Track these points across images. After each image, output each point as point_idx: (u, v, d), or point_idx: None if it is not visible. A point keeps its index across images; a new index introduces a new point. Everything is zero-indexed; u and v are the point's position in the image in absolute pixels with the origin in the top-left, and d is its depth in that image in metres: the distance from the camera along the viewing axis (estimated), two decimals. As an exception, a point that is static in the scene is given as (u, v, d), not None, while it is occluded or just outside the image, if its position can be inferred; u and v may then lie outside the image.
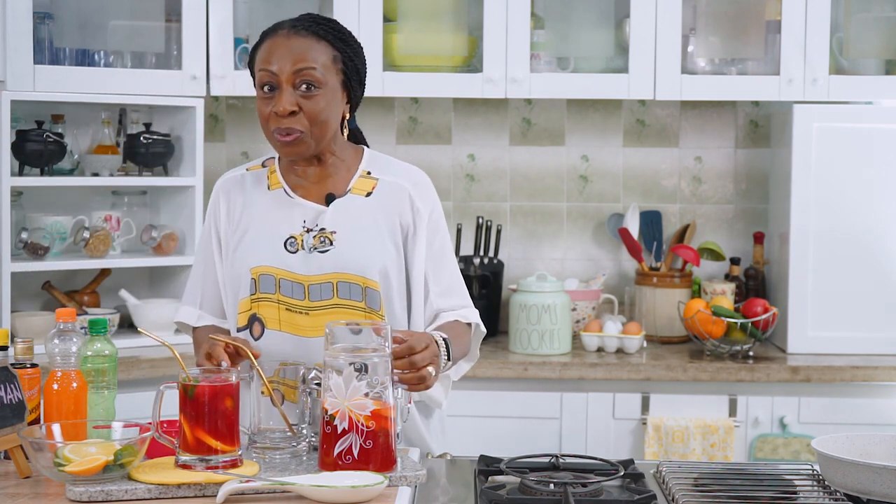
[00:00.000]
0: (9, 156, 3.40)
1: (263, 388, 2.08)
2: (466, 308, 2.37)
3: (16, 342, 2.19)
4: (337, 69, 2.25)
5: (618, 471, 2.07)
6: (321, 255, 2.26)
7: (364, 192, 2.32)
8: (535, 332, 3.61)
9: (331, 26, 2.28)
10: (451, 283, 2.37)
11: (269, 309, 2.27)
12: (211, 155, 3.99)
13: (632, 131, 4.05)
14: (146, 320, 3.59)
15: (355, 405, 1.96)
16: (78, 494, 1.87)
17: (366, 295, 2.26)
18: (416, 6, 3.75)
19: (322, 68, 2.22)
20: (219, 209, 2.37)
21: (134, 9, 3.70)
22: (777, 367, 3.47)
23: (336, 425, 1.97)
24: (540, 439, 3.45)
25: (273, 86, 2.22)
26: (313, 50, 2.23)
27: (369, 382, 1.97)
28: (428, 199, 2.35)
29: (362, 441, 1.96)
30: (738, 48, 3.78)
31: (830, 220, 3.62)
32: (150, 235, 3.67)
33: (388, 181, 2.34)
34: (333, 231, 2.28)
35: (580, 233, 4.07)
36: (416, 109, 4.05)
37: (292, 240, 2.29)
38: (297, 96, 2.21)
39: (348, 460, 1.96)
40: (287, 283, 2.26)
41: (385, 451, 1.98)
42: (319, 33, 2.25)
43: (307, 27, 2.25)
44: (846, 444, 2.02)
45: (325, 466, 1.98)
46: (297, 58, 2.21)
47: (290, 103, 2.20)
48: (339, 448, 1.97)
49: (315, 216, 2.29)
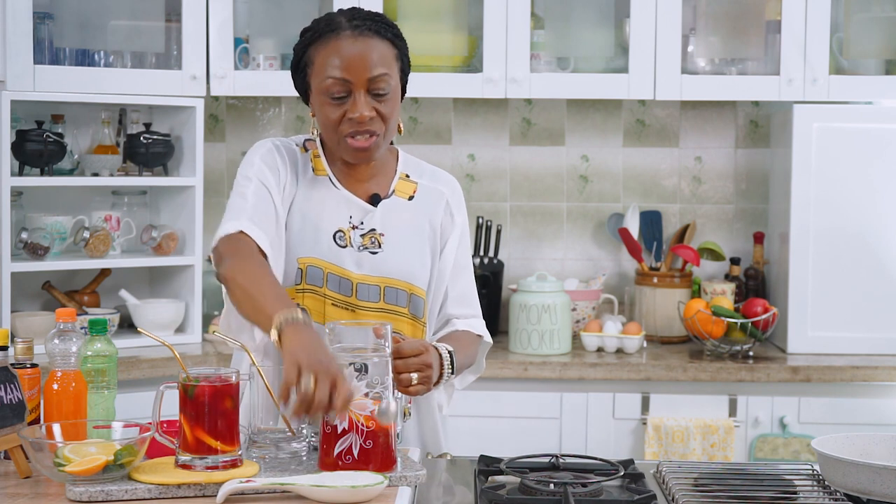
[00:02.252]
0: (9, 156, 3.40)
1: None
2: (476, 318, 2.38)
3: (16, 342, 2.19)
4: (398, 68, 2.22)
5: (618, 471, 2.07)
6: (371, 256, 2.25)
7: (407, 195, 2.32)
8: (535, 332, 3.61)
9: (385, 22, 2.21)
10: (465, 291, 2.37)
11: (315, 301, 2.22)
12: (211, 155, 4.00)
13: (632, 131, 4.05)
14: (146, 320, 3.60)
15: (355, 405, 1.95)
16: (78, 494, 1.87)
17: (410, 301, 2.26)
18: (416, 6, 3.75)
19: (391, 70, 2.18)
20: (277, 160, 2.23)
21: (134, 9, 3.70)
22: (777, 367, 3.47)
23: (336, 425, 1.96)
24: (540, 439, 3.45)
25: (344, 93, 2.17)
26: (382, 53, 2.17)
27: (369, 382, 1.97)
28: (461, 209, 2.37)
29: (362, 441, 1.96)
30: (738, 48, 3.78)
31: (830, 219, 3.62)
32: (150, 235, 3.67)
33: (428, 186, 2.34)
34: (382, 234, 2.27)
35: (580, 233, 4.07)
36: (416, 109, 4.05)
37: (341, 234, 2.25)
38: (372, 101, 2.17)
39: (348, 460, 1.96)
40: (335, 277, 2.22)
41: (385, 450, 1.98)
42: (381, 32, 2.18)
43: (369, 27, 2.18)
44: (846, 444, 2.02)
45: (326, 466, 1.98)
46: (372, 64, 2.15)
47: (368, 109, 2.16)
48: (339, 448, 1.96)
49: (362, 214, 2.27)
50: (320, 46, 2.18)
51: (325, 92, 2.17)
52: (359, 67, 2.15)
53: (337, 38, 2.17)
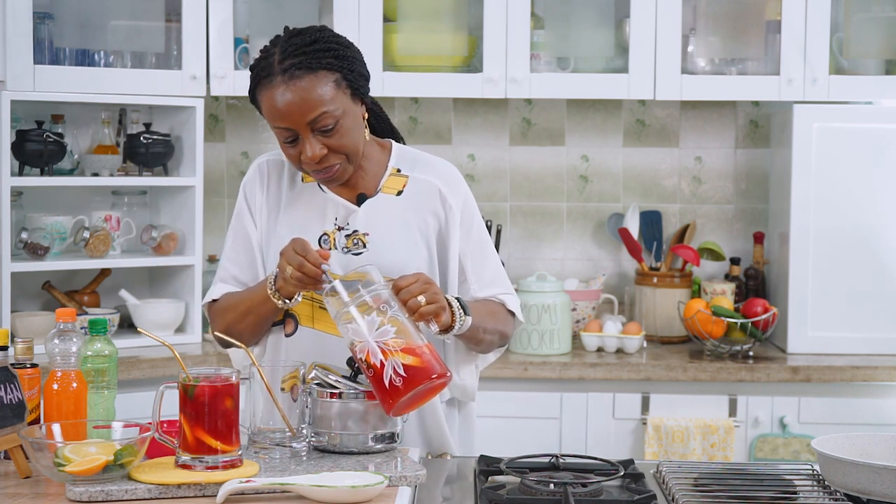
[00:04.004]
0: (9, 156, 3.40)
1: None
2: (507, 295, 2.37)
3: (16, 342, 2.19)
4: (343, 90, 2.18)
5: (618, 471, 2.07)
6: (355, 257, 2.26)
7: (395, 190, 2.32)
8: (535, 332, 3.61)
9: (319, 48, 2.17)
10: (493, 278, 2.37)
11: (303, 306, 2.26)
12: (211, 155, 4.00)
13: (632, 131, 4.05)
14: (146, 320, 3.60)
15: (379, 335, 2.02)
16: (78, 494, 1.87)
17: None
18: (416, 6, 3.75)
19: (332, 102, 2.15)
20: (255, 188, 2.33)
21: (134, 9, 3.70)
22: (777, 367, 3.47)
23: (374, 363, 2.02)
24: (540, 439, 3.45)
25: (292, 137, 2.18)
26: (317, 89, 2.14)
27: (378, 310, 2.03)
28: (459, 194, 2.35)
29: (402, 360, 2.01)
30: (738, 48, 3.78)
31: (830, 219, 3.62)
32: (150, 235, 3.67)
33: (418, 178, 2.33)
34: (366, 233, 2.28)
35: (580, 233, 4.07)
36: (416, 109, 4.05)
37: (325, 237, 2.28)
38: (321, 138, 2.17)
39: (399, 383, 2.01)
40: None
41: (430, 356, 2.04)
42: (314, 66, 2.15)
43: (299, 65, 2.14)
44: (846, 444, 2.02)
45: (390, 401, 2.02)
46: (306, 108, 2.14)
47: (318, 149, 2.17)
48: (387, 379, 2.01)
49: (347, 215, 2.29)
50: (262, 91, 2.19)
51: (276, 136, 2.21)
52: (295, 114, 2.14)
53: (270, 85, 2.16)
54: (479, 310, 2.25)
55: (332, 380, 2.11)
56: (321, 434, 2.11)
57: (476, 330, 2.23)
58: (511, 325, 2.38)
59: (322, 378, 2.12)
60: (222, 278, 2.36)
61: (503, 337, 2.35)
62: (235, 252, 2.36)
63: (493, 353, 2.39)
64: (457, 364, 2.32)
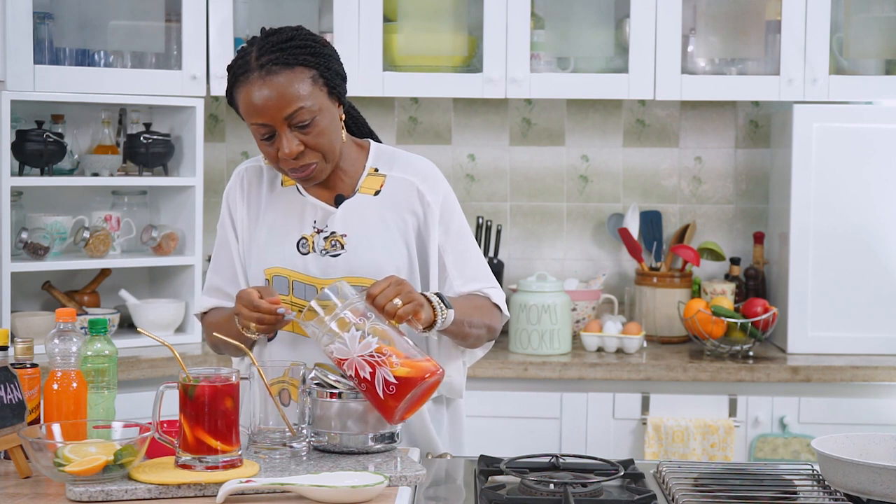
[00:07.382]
0: (9, 156, 3.40)
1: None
2: (491, 289, 2.37)
3: (16, 342, 2.19)
4: (320, 87, 2.18)
5: (618, 471, 2.07)
6: (333, 259, 2.26)
7: (373, 190, 2.31)
8: (535, 332, 3.61)
9: (296, 44, 2.17)
10: (476, 273, 2.36)
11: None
12: (211, 155, 4.00)
13: (632, 131, 4.05)
14: (146, 320, 3.60)
15: (362, 348, 2.02)
16: (78, 494, 1.87)
17: None
18: (416, 6, 3.75)
19: (309, 98, 2.15)
20: (236, 197, 2.34)
21: (134, 9, 3.70)
22: (777, 367, 3.47)
23: (365, 377, 2.02)
24: (540, 439, 3.45)
25: (269, 133, 2.18)
26: (294, 84, 2.15)
27: (356, 324, 2.04)
28: (437, 191, 2.34)
29: (390, 368, 2.02)
30: (738, 48, 3.78)
31: (830, 219, 3.62)
32: (150, 235, 3.67)
33: (395, 177, 2.33)
34: (344, 234, 2.28)
35: (580, 233, 4.07)
36: (416, 109, 4.05)
37: (304, 241, 2.28)
38: (298, 135, 2.17)
39: (392, 391, 2.01)
40: (300, 285, 2.26)
41: (418, 357, 2.04)
42: (290, 62, 2.15)
43: (276, 60, 2.15)
44: (846, 444, 2.02)
45: (389, 410, 2.03)
46: (283, 102, 2.14)
47: (294, 146, 2.17)
48: (380, 390, 2.02)
49: (325, 217, 2.29)
50: (239, 89, 2.19)
51: (253, 133, 2.21)
52: (272, 109, 2.14)
53: (247, 81, 2.16)
54: (463, 304, 2.25)
55: (331, 380, 2.11)
56: (321, 434, 2.11)
57: (461, 324, 2.23)
58: (498, 319, 2.38)
59: (322, 378, 2.12)
60: (208, 290, 2.40)
61: (490, 330, 2.35)
62: (218, 263, 2.39)
63: (480, 349, 2.39)
64: (443, 361, 2.32)
